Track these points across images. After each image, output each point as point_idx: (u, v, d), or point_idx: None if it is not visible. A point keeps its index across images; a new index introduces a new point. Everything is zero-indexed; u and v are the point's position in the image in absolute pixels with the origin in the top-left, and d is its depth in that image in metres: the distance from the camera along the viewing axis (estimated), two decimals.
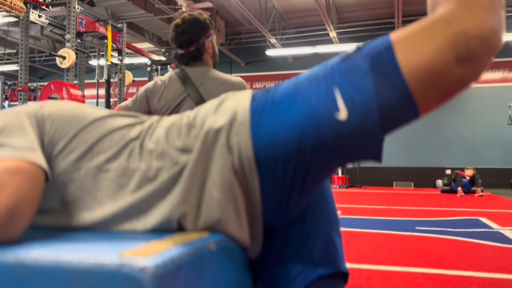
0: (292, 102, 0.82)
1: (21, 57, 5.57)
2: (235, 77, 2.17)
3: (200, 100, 2.00)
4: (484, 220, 4.72)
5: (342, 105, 0.78)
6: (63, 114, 0.91)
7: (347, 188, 10.83)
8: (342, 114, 0.77)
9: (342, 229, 1.00)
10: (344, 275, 0.95)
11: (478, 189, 8.64)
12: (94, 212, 0.84)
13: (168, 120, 0.93)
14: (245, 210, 0.84)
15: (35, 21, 5.78)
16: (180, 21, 2.07)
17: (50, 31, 6.60)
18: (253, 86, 12.93)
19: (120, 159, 0.86)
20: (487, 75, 11.26)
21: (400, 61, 0.77)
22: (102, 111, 0.97)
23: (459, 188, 8.73)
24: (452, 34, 0.74)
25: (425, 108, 0.79)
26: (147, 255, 0.59)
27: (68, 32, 5.95)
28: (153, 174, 0.84)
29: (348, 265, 0.98)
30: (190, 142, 0.85)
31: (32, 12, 5.68)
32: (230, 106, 0.88)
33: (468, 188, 8.91)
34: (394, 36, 0.80)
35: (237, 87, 2.12)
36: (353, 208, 5.93)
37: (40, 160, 0.78)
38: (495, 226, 4.22)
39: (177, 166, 0.83)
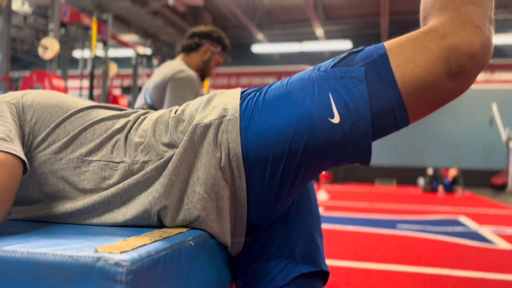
0: (285, 104, 0.82)
1: (2, 46, 5.46)
2: (174, 68, 2.09)
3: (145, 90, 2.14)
4: (463, 219, 4.80)
5: (335, 110, 0.78)
6: (45, 104, 0.89)
7: (330, 184, 10.90)
8: (335, 118, 0.78)
9: (323, 225, 1.00)
10: (324, 274, 0.96)
11: (459, 188, 8.78)
12: (76, 202, 0.83)
13: (155, 114, 0.92)
14: (229, 208, 0.84)
15: (17, 11, 5.68)
16: (205, 25, 2.28)
17: (34, 20, 6.49)
18: (239, 82, 12.91)
19: (103, 151, 0.86)
20: None
21: (395, 71, 0.78)
22: (86, 101, 0.95)
23: (440, 187, 8.86)
24: (445, 49, 0.76)
25: (415, 117, 0.81)
26: (123, 249, 0.59)
27: (52, 22, 5.85)
28: (138, 167, 0.83)
29: (328, 262, 0.98)
30: (177, 137, 0.84)
31: (15, 1, 5.58)
32: (220, 103, 0.87)
33: (450, 187, 9.04)
34: (388, 44, 0.82)
35: (165, 79, 2.04)
36: (335, 205, 5.97)
37: (18, 151, 0.76)
38: (473, 225, 4.29)
39: (162, 160, 0.83)
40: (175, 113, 0.90)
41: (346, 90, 0.79)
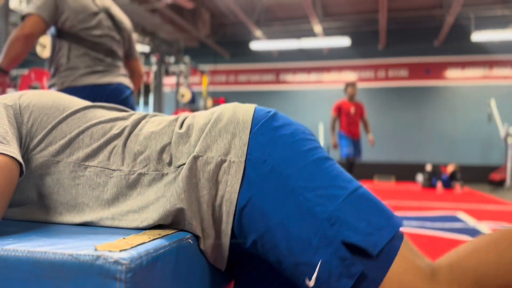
0: (289, 216, 0.77)
1: (0, 44, 5.46)
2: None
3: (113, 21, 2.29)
4: (461, 215, 4.81)
5: (314, 279, 0.74)
6: (42, 105, 0.89)
7: None
8: (310, 283, 0.75)
9: None
10: None
11: (457, 184, 8.80)
12: (70, 209, 0.84)
13: (157, 121, 0.91)
14: (212, 247, 0.82)
15: (14, 10, 5.67)
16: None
17: None
18: (238, 79, 12.90)
19: (100, 157, 0.85)
20: (468, 73, 11.43)
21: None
22: (82, 101, 0.95)
23: (439, 183, 8.89)
24: None
25: None
26: (122, 248, 0.60)
27: None
28: (134, 178, 0.83)
29: None
30: (176, 156, 0.83)
31: None
32: (228, 127, 0.85)
33: (448, 183, 9.07)
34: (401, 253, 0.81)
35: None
36: None
37: (15, 153, 0.76)
38: (471, 221, 4.31)
39: (159, 181, 0.82)
40: (181, 126, 0.88)
41: (334, 272, 0.73)
